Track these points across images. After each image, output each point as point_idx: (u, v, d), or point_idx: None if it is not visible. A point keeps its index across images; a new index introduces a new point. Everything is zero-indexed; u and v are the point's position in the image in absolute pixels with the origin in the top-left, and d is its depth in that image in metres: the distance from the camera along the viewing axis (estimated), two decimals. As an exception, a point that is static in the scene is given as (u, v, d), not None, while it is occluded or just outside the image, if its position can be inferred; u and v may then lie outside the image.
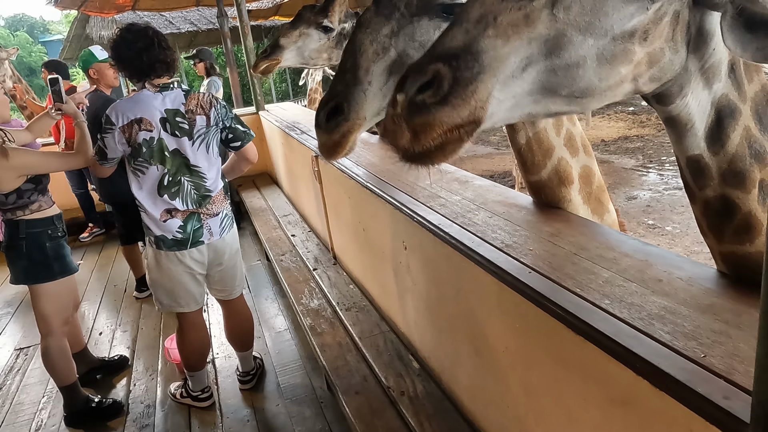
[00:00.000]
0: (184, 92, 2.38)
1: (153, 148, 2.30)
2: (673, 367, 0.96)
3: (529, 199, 1.89)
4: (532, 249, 1.50)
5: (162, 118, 2.30)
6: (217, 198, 2.46)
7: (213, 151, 2.43)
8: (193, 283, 2.50)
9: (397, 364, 2.25)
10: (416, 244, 2.03)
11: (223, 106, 2.44)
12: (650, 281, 1.24)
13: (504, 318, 1.52)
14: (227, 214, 2.52)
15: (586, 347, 1.13)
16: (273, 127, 4.90)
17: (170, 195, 2.35)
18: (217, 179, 2.46)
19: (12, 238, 2.51)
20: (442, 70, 0.75)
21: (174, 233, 2.38)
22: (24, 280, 2.55)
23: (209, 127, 2.39)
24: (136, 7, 8.39)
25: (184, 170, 2.36)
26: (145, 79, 2.33)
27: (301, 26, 2.50)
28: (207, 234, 2.44)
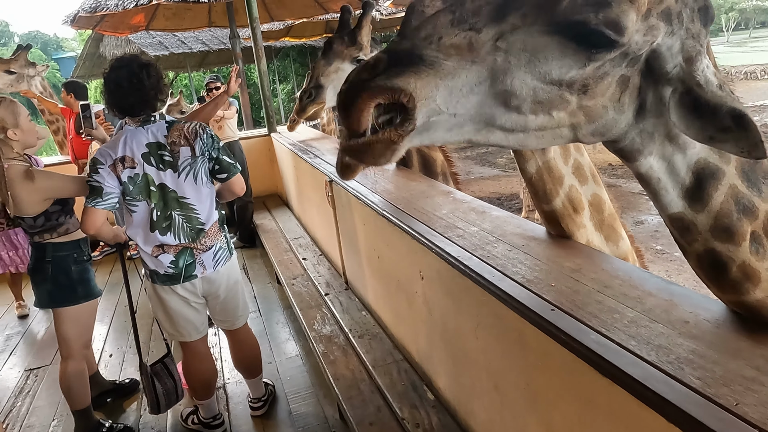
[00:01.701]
0: (168, 124, 2.33)
1: (139, 185, 2.27)
2: (707, 416, 0.95)
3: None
4: (554, 285, 1.50)
5: (144, 153, 2.27)
6: (211, 231, 2.41)
7: (203, 182, 2.36)
8: (192, 312, 2.47)
9: (411, 395, 2.23)
10: (434, 274, 2.03)
11: (209, 135, 2.37)
12: (677, 322, 1.23)
13: (526, 355, 1.51)
14: (221, 247, 2.45)
15: (614, 390, 1.12)
16: (285, 149, 4.93)
17: (161, 230, 2.33)
18: (210, 211, 2.41)
19: (38, 261, 2.54)
20: (381, 57, 0.82)
21: (166, 269, 2.35)
22: (48, 303, 2.57)
23: (195, 158, 2.32)
24: (150, 27, 8.52)
25: (173, 204, 2.32)
26: (129, 115, 2.30)
27: (336, 61, 2.54)
28: (200, 268, 2.39)
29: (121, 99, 2.26)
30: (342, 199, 3.12)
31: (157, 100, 2.33)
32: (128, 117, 2.32)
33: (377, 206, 2.46)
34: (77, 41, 30.52)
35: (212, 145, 2.37)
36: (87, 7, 7.15)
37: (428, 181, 2.73)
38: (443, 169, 2.88)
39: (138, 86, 2.25)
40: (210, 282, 2.45)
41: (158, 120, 2.34)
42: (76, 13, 7.28)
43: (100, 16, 7.44)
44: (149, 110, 2.31)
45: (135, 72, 2.26)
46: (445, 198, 2.42)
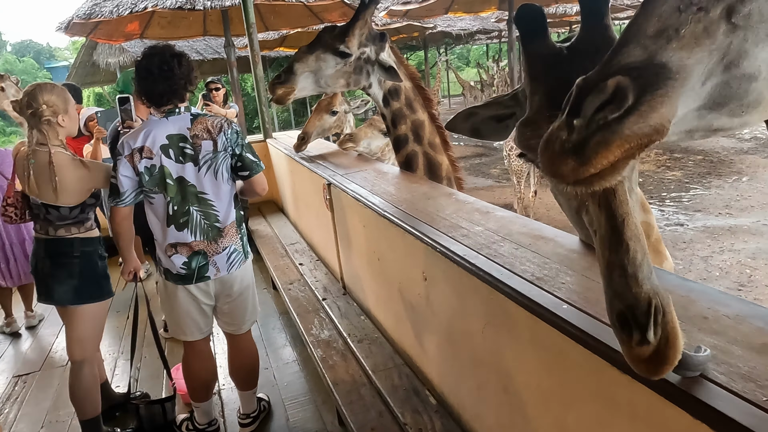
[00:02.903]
0: (192, 116, 2.30)
1: (155, 176, 2.24)
2: (735, 411, 0.91)
3: (554, 230, 1.86)
4: (565, 282, 1.46)
5: (163, 145, 2.24)
6: (229, 231, 2.36)
7: (223, 178, 2.32)
8: (199, 313, 2.43)
9: (413, 400, 2.18)
10: (438, 275, 1.99)
11: (234, 131, 2.33)
12: (696, 318, 1.19)
13: (538, 354, 1.46)
14: (236, 249, 2.39)
15: (635, 387, 1.08)
16: (281, 154, 4.89)
17: (178, 226, 2.28)
18: (229, 209, 2.36)
19: (63, 256, 2.48)
20: (624, 82, 0.69)
21: (178, 269, 2.31)
22: (73, 300, 2.49)
23: (216, 153, 2.28)
24: (144, 36, 8.50)
25: (192, 199, 2.28)
26: (156, 105, 2.29)
27: (318, 50, 2.45)
28: (213, 270, 2.34)
29: (151, 86, 2.24)
30: (341, 202, 3.08)
31: (186, 90, 2.32)
32: (154, 107, 2.29)
33: (378, 207, 2.42)
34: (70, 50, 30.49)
35: (236, 141, 2.32)
36: (81, 13, 7.12)
37: (430, 183, 2.70)
38: (448, 173, 2.84)
39: (168, 74, 2.24)
40: (223, 283, 2.40)
41: (183, 112, 2.31)
42: (70, 19, 7.24)
43: (94, 23, 7.41)
44: (177, 100, 2.29)
45: (167, 60, 2.25)
46: (448, 199, 2.38)
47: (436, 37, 17.63)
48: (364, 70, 2.54)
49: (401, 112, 2.67)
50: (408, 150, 2.74)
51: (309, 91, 2.55)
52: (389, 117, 2.70)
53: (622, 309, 0.89)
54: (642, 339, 0.87)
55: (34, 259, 2.54)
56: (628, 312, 0.89)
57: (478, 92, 21.80)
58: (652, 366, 0.88)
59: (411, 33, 14.88)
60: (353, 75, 2.51)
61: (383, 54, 2.55)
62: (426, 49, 18.51)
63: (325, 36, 2.48)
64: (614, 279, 0.92)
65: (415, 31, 14.41)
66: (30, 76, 30.09)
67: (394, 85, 2.63)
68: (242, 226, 2.47)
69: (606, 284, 0.94)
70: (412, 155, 2.75)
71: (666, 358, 0.87)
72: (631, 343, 0.88)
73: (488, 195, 10.16)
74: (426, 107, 2.76)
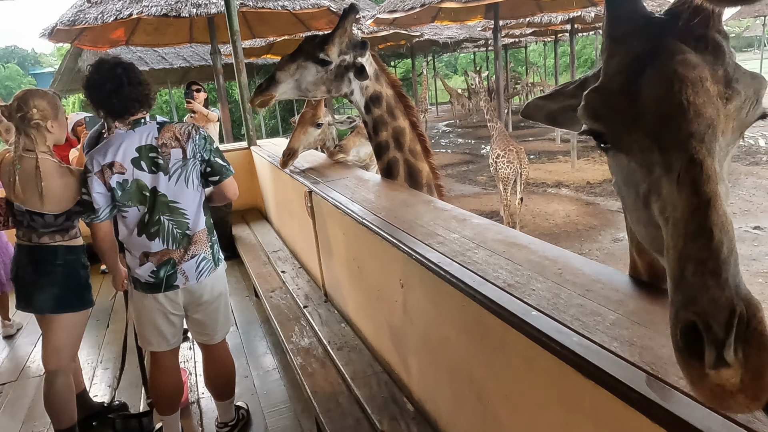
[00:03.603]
0: (159, 125, 2.29)
1: (129, 191, 2.22)
2: (692, 416, 0.93)
3: (528, 237, 1.88)
4: (535, 289, 1.48)
5: (134, 158, 2.22)
6: (198, 238, 2.34)
7: (193, 185, 2.32)
8: (166, 324, 2.39)
9: (391, 407, 2.18)
10: (414, 282, 2.00)
11: (202, 137, 2.32)
12: (659, 324, 1.21)
13: (509, 360, 1.48)
14: (205, 258, 2.37)
15: (598, 392, 1.09)
16: (264, 161, 4.88)
17: (149, 235, 2.27)
18: (198, 216, 2.35)
19: (46, 264, 2.46)
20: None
21: (146, 278, 2.30)
22: (53, 308, 2.47)
23: (186, 160, 2.27)
24: (130, 42, 8.47)
25: (163, 208, 2.27)
26: (118, 118, 2.26)
27: (300, 59, 2.49)
28: (182, 278, 2.32)
29: (121, 97, 2.22)
30: (322, 209, 3.08)
31: (150, 95, 2.30)
32: (117, 120, 2.26)
33: (357, 215, 2.43)
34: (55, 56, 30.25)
35: (204, 146, 2.31)
36: (66, 20, 7.09)
37: (409, 191, 2.71)
38: (428, 181, 2.86)
39: (137, 81, 2.25)
40: (191, 293, 2.37)
41: (149, 122, 2.29)
42: (54, 26, 7.20)
43: (78, 30, 7.38)
44: (146, 107, 2.28)
45: (126, 69, 2.24)
46: (426, 207, 2.40)
47: (423, 45, 17.73)
48: (345, 77, 2.57)
49: (382, 119, 2.70)
50: (389, 156, 2.76)
51: (290, 95, 2.60)
52: (371, 124, 2.73)
53: (691, 318, 0.70)
54: (718, 360, 0.67)
55: (15, 266, 2.52)
56: (701, 322, 0.69)
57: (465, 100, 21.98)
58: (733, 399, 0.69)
59: (398, 41, 14.97)
60: (334, 82, 2.55)
61: (360, 59, 2.58)
62: (413, 56, 18.61)
63: (307, 45, 2.53)
64: (686, 277, 0.72)
65: (403, 39, 14.49)
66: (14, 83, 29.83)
67: (376, 92, 2.66)
68: (213, 233, 2.45)
69: (673, 286, 0.74)
70: (393, 162, 2.77)
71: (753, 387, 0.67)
72: (701, 368, 0.69)
73: (475, 202, 10.21)
74: (407, 115, 2.79)
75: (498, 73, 9.12)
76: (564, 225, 8.73)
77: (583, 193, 10.49)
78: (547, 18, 12.69)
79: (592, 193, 10.39)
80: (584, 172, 12.00)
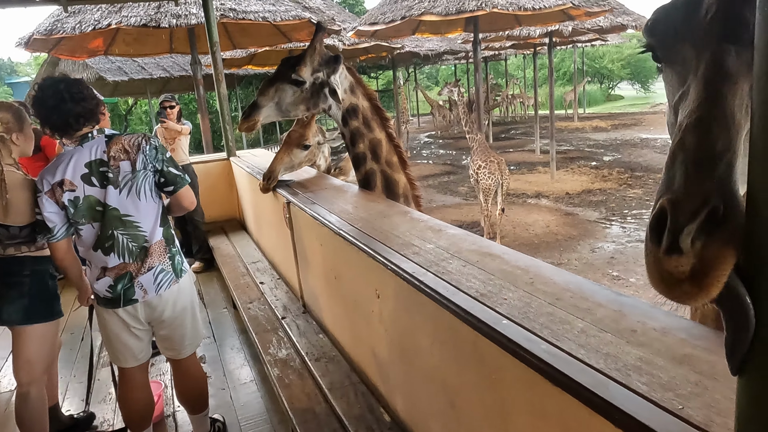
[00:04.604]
0: (107, 138, 2.26)
1: (81, 208, 2.20)
2: (652, 420, 0.95)
3: (502, 248, 1.91)
4: (507, 298, 1.50)
5: (84, 174, 2.19)
6: (155, 250, 2.30)
7: (146, 197, 2.27)
8: (131, 339, 2.36)
9: (368, 418, 2.18)
10: (390, 292, 2.01)
11: (153, 147, 2.28)
12: (625, 331, 1.24)
13: (480, 369, 1.49)
14: (164, 269, 2.32)
15: (565, 399, 1.12)
16: (243, 172, 4.87)
17: (104, 250, 2.25)
18: (154, 228, 2.31)
19: (14, 276, 2.43)
20: None
21: (104, 292, 2.27)
22: (22, 320, 2.43)
23: (135, 172, 2.23)
24: (108, 52, 8.41)
25: (116, 223, 2.23)
26: (63, 135, 2.23)
27: (277, 83, 2.57)
28: (140, 292, 2.28)
29: (64, 113, 2.17)
30: (300, 220, 3.09)
31: (98, 111, 2.28)
32: (64, 137, 2.23)
33: (334, 226, 2.44)
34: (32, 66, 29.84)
35: (156, 156, 2.28)
36: (43, 29, 7.02)
37: (387, 202, 2.74)
38: (405, 191, 2.90)
39: (80, 97, 2.21)
40: (152, 307, 2.32)
41: (96, 135, 2.26)
42: (31, 35, 7.12)
43: (56, 39, 7.31)
44: (93, 122, 2.25)
45: (72, 84, 2.21)
46: (403, 217, 2.42)
47: (404, 56, 17.89)
48: (321, 93, 2.63)
49: (359, 131, 2.74)
50: (366, 168, 2.80)
51: (274, 118, 2.66)
52: (348, 136, 2.77)
53: (663, 204, 0.69)
54: (672, 246, 0.66)
55: None
56: (669, 207, 0.67)
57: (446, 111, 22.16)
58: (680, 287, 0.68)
59: (380, 53, 15.07)
60: (311, 99, 2.61)
61: (334, 76, 2.63)
62: (395, 68, 18.74)
63: (282, 68, 2.61)
64: (674, 165, 0.71)
65: (384, 50, 14.60)
66: (-10, 92, 29.34)
67: (352, 105, 2.71)
68: (173, 244, 2.41)
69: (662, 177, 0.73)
70: (370, 173, 2.81)
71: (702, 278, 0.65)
72: (657, 252, 0.69)
73: (456, 213, 10.28)
74: (383, 127, 2.83)
75: (478, 85, 9.23)
76: (544, 235, 8.83)
77: (562, 203, 10.63)
78: (526, 31, 12.91)
79: (571, 204, 10.53)
80: (563, 182, 12.17)
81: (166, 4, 6.95)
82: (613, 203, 10.35)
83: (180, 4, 6.87)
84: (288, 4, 7.85)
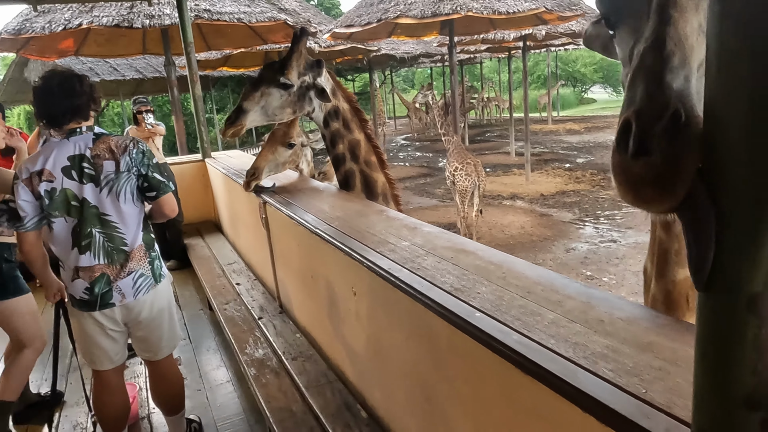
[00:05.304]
0: (95, 136, 2.26)
1: (56, 200, 2.18)
2: (618, 403, 0.99)
3: (476, 244, 1.95)
4: (480, 292, 1.53)
5: (65, 167, 2.19)
6: (136, 254, 2.29)
7: (126, 200, 2.27)
8: (107, 341, 2.34)
9: (345, 415, 2.20)
10: (366, 289, 2.03)
11: (140, 151, 2.28)
12: (593, 322, 1.28)
13: (455, 361, 1.52)
14: (143, 274, 2.32)
15: (535, 387, 1.15)
16: (219, 174, 4.84)
17: (80, 249, 2.23)
18: (136, 232, 2.30)
19: None
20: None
21: (80, 294, 2.25)
22: None
23: (119, 174, 2.23)
24: (79, 53, 8.26)
25: (94, 221, 2.22)
26: (53, 127, 2.24)
27: (262, 86, 2.55)
28: (118, 296, 2.27)
29: (50, 107, 2.20)
30: (276, 221, 3.09)
31: (89, 108, 2.28)
32: (54, 129, 2.23)
33: (311, 225, 2.45)
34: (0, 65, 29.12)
35: (141, 161, 2.27)
36: (11, 29, 6.86)
37: (363, 201, 2.76)
38: (384, 190, 2.92)
39: (69, 92, 2.20)
40: (129, 310, 2.32)
41: (85, 132, 2.26)
42: (-2, 33, 6.96)
43: (24, 39, 7.15)
44: (80, 118, 2.25)
45: (67, 79, 2.23)
46: (379, 216, 2.44)
47: (381, 59, 17.92)
48: (306, 96, 2.65)
49: (339, 133, 2.77)
50: (346, 168, 2.82)
51: (259, 122, 2.66)
52: (329, 137, 2.80)
53: (628, 117, 0.72)
54: (639, 149, 0.70)
55: None
56: (634, 117, 0.71)
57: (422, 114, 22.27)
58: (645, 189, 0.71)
59: (356, 55, 15.08)
60: (298, 103, 2.63)
61: (320, 79, 2.66)
62: (371, 71, 18.78)
63: (267, 72, 2.60)
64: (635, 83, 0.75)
65: (360, 53, 14.62)
66: (-45, 93, 28.48)
67: (334, 107, 2.74)
68: (153, 248, 2.40)
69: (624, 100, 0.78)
70: (349, 173, 2.83)
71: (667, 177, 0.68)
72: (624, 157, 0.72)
73: (433, 214, 10.35)
74: (362, 128, 2.86)
75: (454, 88, 9.32)
76: (519, 236, 8.94)
77: (537, 204, 10.78)
78: (501, 35, 13.08)
79: (546, 205, 10.69)
80: (538, 184, 12.33)
81: (139, 4, 6.86)
82: (586, 204, 10.54)
83: (153, 5, 6.78)
84: (263, 6, 7.81)
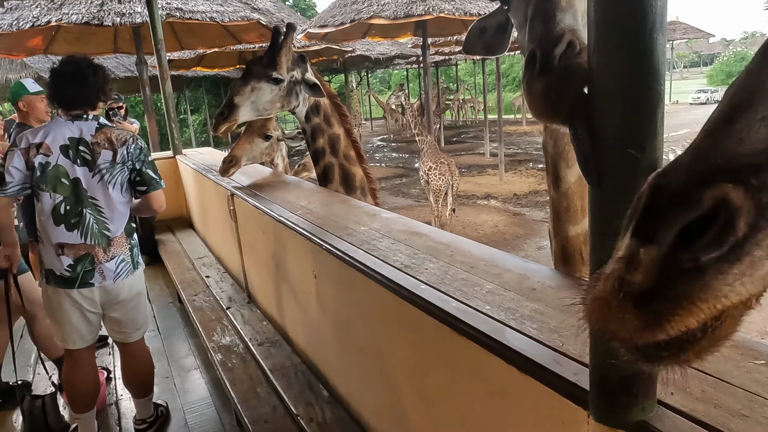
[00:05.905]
0: (99, 125, 2.36)
1: (48, 174, 2.27)
2: (538, 355, 1.10)
3: (429, 227, 2.06)
4: (428, 268, 1.64)
5: (63, 145, 2.28)
6: (118, 241, 2.39)
7: (115, 190, 2.36)
8: (82, 321, 2.40)
9: (307, 394, 2.28)
10: (325, 271, 2.12)
11: (138, 147, 2.39)
12: (526, 290, 1.40)
13: (403, 332, 1.63)
14: (124, 259, 2.41)
15: (469, 346, 1.26)
16: (189, 170, 4.88)
17: (69, 226, 2.30)
18: (120, 221, 2.39)
19: None
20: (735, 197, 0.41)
21: (62, 270, 2.31)
22: None
23: (114, 164, 2.33)
24: (48, 51, 8.13)
25: (85, 202, 2.31)
26: (60, 108, 2.35)
27: (252, 81, 2.60)
28: (99, 277, 2.35)
29: (61, 90, 2.32)
30: (243, 211, 3.16)
31: (97, 98, 2.39)
32: (63, 110, 2.34)
33: (275, 214, 2.53)
34: (-32, 66, 28.47)
35: (138, 156, 2.39)
36: (-23, 26, 6.77)
37: (329, 192, 2.84)
38: (362, 184, 2.99)
39: (81, 81, 2.32)
40: (108, 292, 2.40)
41: (91, 119, 2.36)
42: (-36, 31, 6.85)
43: (-9, 36, 7.06)
44: (87, 107, 2.36)
45: (82, 68, 2.33)
46: (342, 205, 2.54)
47: (356, 60, 18.02)
48: (294, 91, 2.71)
49: (320, 127, 2.83)
50: (325, 162, 2.88)
51: (250, 117, 2.71)
52: (309, 132, 2.85)
53: (532, 48, 0.91)
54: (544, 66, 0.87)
55: None
56: (537, 46, 0.90)
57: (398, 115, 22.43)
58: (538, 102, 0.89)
59: (331, 56, 15.15)
60: (286, 97, 2.69)
61: (308, 74, 2.73)
62: (347, 72, 18.86)
63: (255, 67, 2.65)
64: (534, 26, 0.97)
65: (335, 54, 14.69)
66: None
67: (316, 102, 2.80)
68: (133, 236, 2.49)
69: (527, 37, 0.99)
70: (328, 167, 2.90)
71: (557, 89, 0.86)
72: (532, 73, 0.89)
73: (407, 214, 10.43)
74: (342, 123, 2.93)
75: (428, 89, 9.45)
76: (492, 234, 9.11)
77: (511, 204, 10.98)
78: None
79: (519, 204, 10.89)
80: (512, 184, 12.55)
81: (110, 1, 6.81)
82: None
83: (124, 2, 6.75)
84: (236, 5, 7.82)
